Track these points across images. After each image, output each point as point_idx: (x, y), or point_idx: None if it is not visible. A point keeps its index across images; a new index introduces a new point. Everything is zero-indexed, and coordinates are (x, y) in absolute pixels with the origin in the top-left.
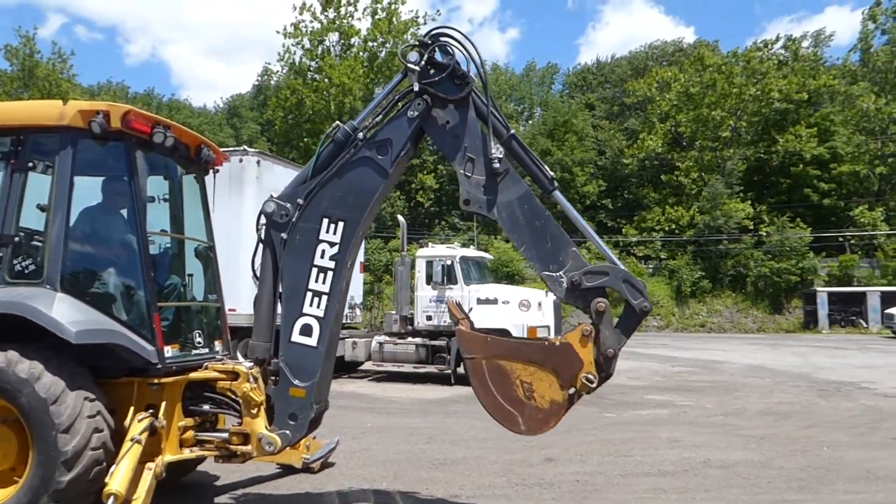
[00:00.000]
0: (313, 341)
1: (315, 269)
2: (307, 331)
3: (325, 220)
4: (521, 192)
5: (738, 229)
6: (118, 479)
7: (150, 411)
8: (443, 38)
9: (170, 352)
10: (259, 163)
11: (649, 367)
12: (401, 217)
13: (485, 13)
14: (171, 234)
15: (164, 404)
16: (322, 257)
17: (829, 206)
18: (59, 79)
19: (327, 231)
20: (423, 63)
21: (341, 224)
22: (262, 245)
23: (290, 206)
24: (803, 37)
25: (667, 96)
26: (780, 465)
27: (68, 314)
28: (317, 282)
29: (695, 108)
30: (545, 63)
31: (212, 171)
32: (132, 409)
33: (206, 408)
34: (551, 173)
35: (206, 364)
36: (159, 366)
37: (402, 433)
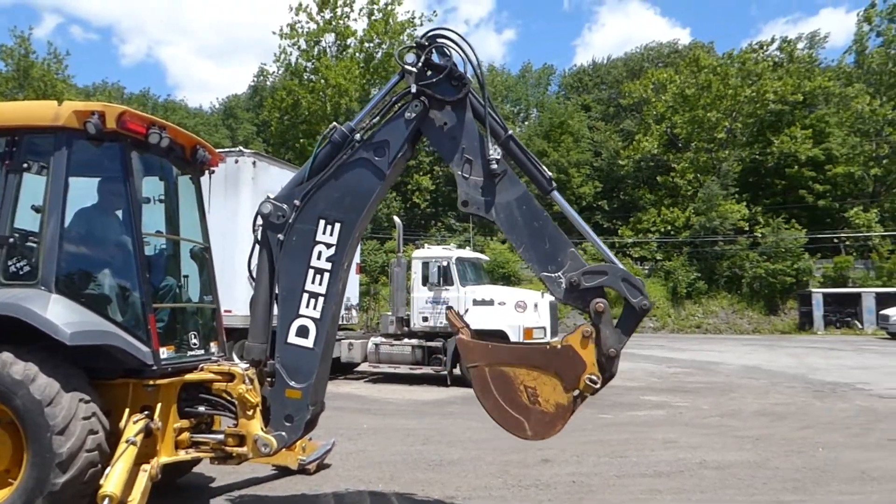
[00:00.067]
0: (310, 343)
1: (311, 271)
2: (303, 332)
3: (322, 222)
4: (519, 192)
5: (733, 230)
6: (113, 481)
7: (146, 413)
8: (440, 39)
9: (165, 353)
10: (255, 164)
11: (645, 369)
12: (397, 218)
13: (481, 14)
14: (167, 236)
15: (159, 406)
16: (318, 259)
17: (825, 208)
18: (55, 79)
19: (324, 232)
20: (420, 64)
21: (338, 225)
22: (258, 246)
23: (286, 207)
24: (798, 38)
25: (662, 98)
26: (775, 466)
27: (63, 315)
28: (313, 283)
29: (690, 110)
30: (541, 64)
31: (207, 171)
32: (127, 410)
33: (201, 409)
34: (549, 174)
35: (201, 365)
36: (154, 367)
37: (399, 434)
